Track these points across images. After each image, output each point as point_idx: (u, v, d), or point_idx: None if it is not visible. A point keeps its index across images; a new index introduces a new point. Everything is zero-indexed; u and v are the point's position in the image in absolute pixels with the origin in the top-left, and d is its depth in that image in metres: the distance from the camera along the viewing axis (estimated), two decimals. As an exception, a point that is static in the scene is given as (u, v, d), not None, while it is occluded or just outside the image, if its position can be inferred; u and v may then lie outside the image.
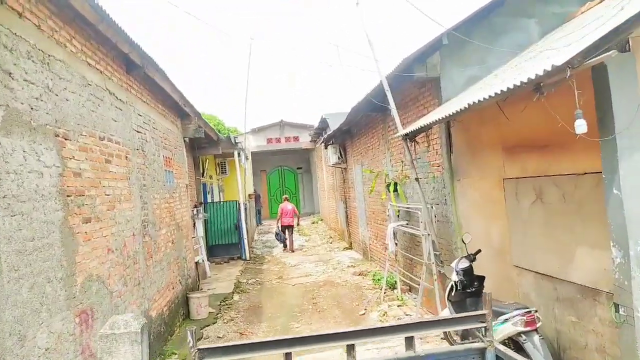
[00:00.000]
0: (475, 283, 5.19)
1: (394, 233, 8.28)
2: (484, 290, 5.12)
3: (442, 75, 6.53)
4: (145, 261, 6.16)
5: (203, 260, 12.06)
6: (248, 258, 14.70)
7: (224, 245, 14.86)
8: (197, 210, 12.51)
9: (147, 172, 6.66)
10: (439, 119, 4.93)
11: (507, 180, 4.96)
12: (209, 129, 11.58)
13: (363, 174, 12.25)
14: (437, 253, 6.59)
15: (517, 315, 4.07)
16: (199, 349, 2.48)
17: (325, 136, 15.81)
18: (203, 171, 14.83)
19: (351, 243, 15.33)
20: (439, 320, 3.36)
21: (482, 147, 5.53)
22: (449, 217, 6.67)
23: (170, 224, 7.92)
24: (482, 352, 2.88)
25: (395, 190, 8.80)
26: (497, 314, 4.33)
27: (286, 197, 17.78)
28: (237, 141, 14.95)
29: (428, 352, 2.97)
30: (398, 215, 8.72)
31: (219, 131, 15.85)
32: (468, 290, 5.16)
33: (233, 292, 10.20)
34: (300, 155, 27.59)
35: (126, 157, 5.73)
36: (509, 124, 4.86)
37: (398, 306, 7.88)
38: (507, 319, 4.14)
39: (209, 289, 10.42)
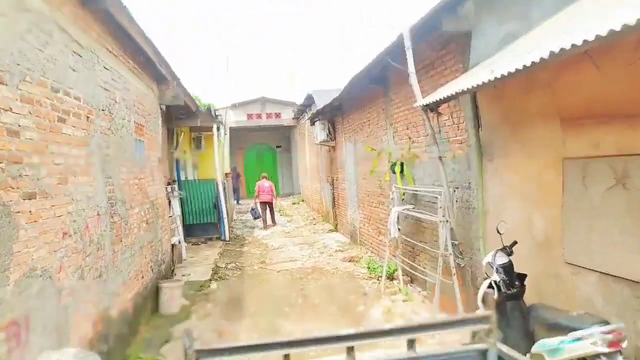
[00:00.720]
0: (516, 283, 4.30)
1: (397, 218, 7.34)
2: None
3: (475, 29, 5.47)
4: (112, 246, 5.05)
5: (179, 242, 10.92)
6: (227, 239, 13.63)
7: (201, 224, 13.74)
8: (172, 188, 11.33)
9: (113, 139, 5.49)
10: (481, 82, 3.91)
11: (569, 160, 4.02)
12: (189, 97, 10.34)
13: (356, 153, 11.25)
14: (456, 243, 5.67)
15: (597, 332, 3.16)
16: (195, 350, 2.39)
17: (312, 113, 14.70)
18: (177, 145, 13.56)
19: (337, 225, 14.40)
20: (440, 322, 3.15)
21: (528, 119, 4.57)
22: (471, 202, 5.74)
23: (144, 202, 6.77)
24: (484, 353, 2.83)
25: (402, 171, 7.84)
26: (564, 328, 3.42)
27: (264, 176, 17.26)
28: (217, 114, 13.70)
29: (429, 353, 2.93)
30: (403, 199, 7.77)
31: (197, 102, 14.58)
32: (508, 292, 4.26)
33: (210, 280, 9.14)
34: (280, 132, 26.37)
35: (87, 117, 4.55)
36: (574, 88, 3.90)
37: (403, 301, 6.98)
38: (581, 337, 3.22)
39: (183, 275, 9.34)
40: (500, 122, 5.11)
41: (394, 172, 8.01)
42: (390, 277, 8.09)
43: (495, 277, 4.19)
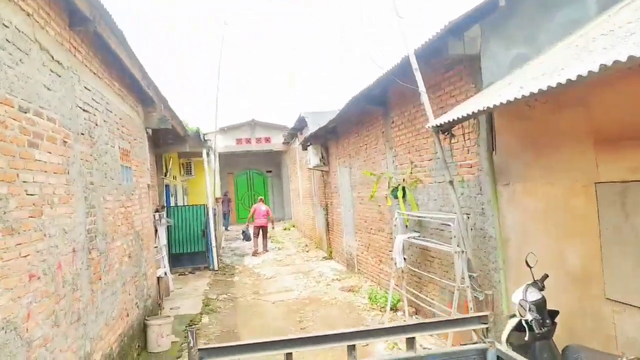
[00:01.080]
0: (547, 321, 3.84)
1: (403, 246, 6.88)
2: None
3: (483, 52, 5.20)
4: (90, 285, 4.50)
5: (166, 273, 10.31)
6: (216, 268, 13.03)
7: (189, 253, 13.13)
8: (159, 215, 10.78)
9: (97, 165, 5.00)
10: (512, 99, 3.51)
11: (603, 184, 3.62)
12: (176, 121, 9.90)
13: (352, 178, 10.83)
14: (475, 275, 5.21)
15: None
16: (199, 349, 2.46)
17: (306, 136, 14.33)
18: (166, 171, 13.06)
19: (331, 252, 13.87)
20: (439, 321, 3.21)
21: (554, 141, 4.19)
22: (486, 230, 5.31)
23: (128, 233, 6.24)
24: (483, 352, 2.87)
25: (404, 196, 7.41)
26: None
27: (261, 198, 17.11)
28: (206, 139, 13.26)
29: (429, 353, 2.92)
30: (407, 226, 7.33)
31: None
32: (538, 331, 3.79)
33: (201, 313, 8.54)
34: (271, 157, 25.95)
35: (64, 142, 4.07)
36: (612, 106, 3.53)
37: (411, 337, 6.44)
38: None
39: (171, 309, 8.73)
40: (520, 143, 4.73)
41: (395, 197, 7.58)
42: (394, 308, 7.59)
43: (528, 316, 3.73)
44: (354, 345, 2.75)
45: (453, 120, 4.70)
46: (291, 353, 2.67)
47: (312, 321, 7.85)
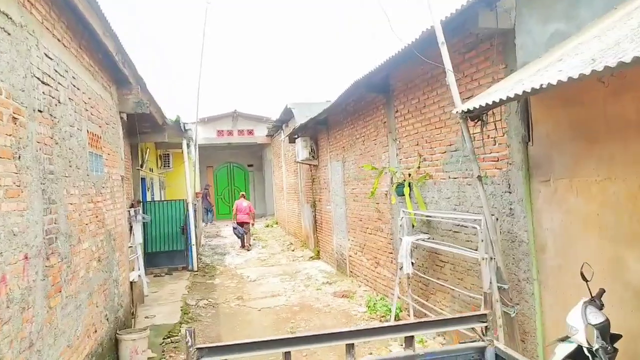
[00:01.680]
0: (609, 347, 3.16)
1: (411, 249, 6.15)
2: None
3: (519, 27, 4.50)
4: (47, 301, 3.63)
5: (140, 276, 9.39)
6: (196, 269, 12.13)
7: (165, 252, 12.20)
8: (135, 211, 9.84)
9: (59, 151, 4.12)
10: (580, 75, 2.79)
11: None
12: (155, 107, 8.96)
13: (345, 172, 10.08)
14: (505, 287, 4.51)
15: None
16: (197, 348, 2.43)
17: (294, 127, 13.51)
18: (142, 163, 12.08)
19: (319, 252, 13.11)
20: (438, 320, 3.17)
21: (617, 129, 3.49)
22: (516, 233, 4.62)
23: (98, 232, 5.34)
24: (482, 351, 2.89)
25: (410, 193, 6.69)
26: None
27: (243, 194, 16.75)
28: (187, 128, 12.31)
29: (428, 351, 2.95)
30: (413, 226, 6.61)
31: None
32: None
33: (180, 322, 7.68)
34: (252, 151, 25.01)
35: (14, 118, 3.19)
36: None
37: (421, 353, 5.73)
38: None
39: (147, 318, 7.85)
40: (567, 133, 4.03)
41: (400, 195, 6.85)
42: (398, 318, 6.87)
43: (596, 344, 3.03)
44: (353, 344, 2.75)
45: (486, 104, 3.96)
46: (290, 352, 2.66)
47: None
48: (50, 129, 3.93)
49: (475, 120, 4.40)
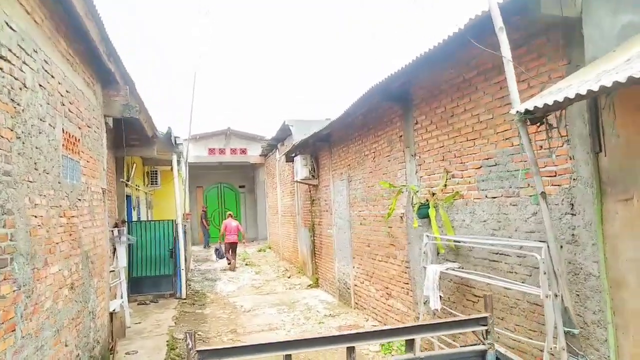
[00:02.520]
0: None
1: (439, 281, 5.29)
2: None
3: (586, 16, 3.78)
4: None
5: (122, 305, 8.37)
6: (184, 296, 11.09)
7: (151, 277, 11.17)
8: (119, 231, 8.89)
9: (20, 147, 3.24)
10: None
11: None
12: (145, 115, 8.12)
13: (350, 192, 9.25)
14: (575, 332, 3.65)
15: None
16: (198, 351, 2.42)
17: (293, 145, 12.72)
18: (128, 178, 11.16)
19: (317, 280, 12.16)
20: (439, 323, 3.16)
21: None
22: (581, 265, 3.79)
23: (72, 254, 4.42)
24: (482, 354, 2.87)
25: (428, 215, 5.87)
26: None
27: (230, 214, 16.41)
28: (177, 142, 11.45)
29: (428, 355, 3.00)
30: (440, 253, 5.77)
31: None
32: None
33: (166, 360, 6.68)
34: (244, 171, 24.13)
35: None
36: None
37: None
38: None
39: (127, 355, 6.82)
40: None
41: (422, 217, 6.03)
42: None
43: None
44: (353, 347, 2.73)
45: (555, 102, 3.19)
46: (290, 355, 2.65)
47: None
48: (10, 118, 3.06)
49: (538, 124, 3.62)
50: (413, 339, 2.85)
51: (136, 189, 12.87)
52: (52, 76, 3.94)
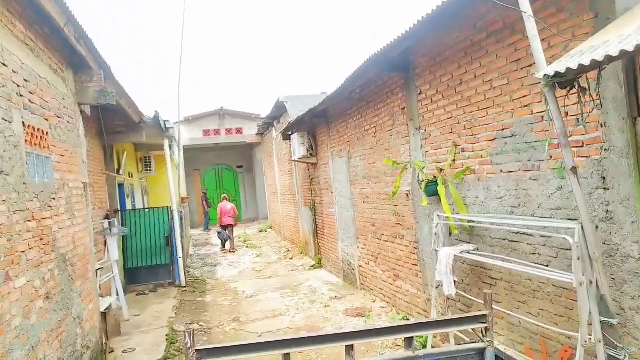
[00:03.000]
0: None
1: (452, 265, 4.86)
2: None
3: (616, -41, 3.23)
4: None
5: (118, 298, 8.01)
6: (184, 284, 10.75)
7: (149, 267, 10.80)
8: (110, 223, 8.47)
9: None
10: None
11: None
12: (127, 100, 7.59)
13: (351, 170, 8.78)
14: (613, 323, 3.22)
15: None
16: (197, 350, 2.42)
17: (289, 122, 12.19)
18: (119, 167, 10.67)
19: (320, 260, 11.80)
20: (438, 321, 3.16)
21: None
22: (618, 245, 3.35)
23: (44, 261, 3.98)
24: (481, 352, 2.88)
25: (437, 192, 5.42)
26: None
27: (225, 197, 16.77)
28: (167, 126, 10.91)
29: (427, 353, 2.94)
30: (453, 234, 5.33)
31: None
32: None
33: (166, 358, 6.32)
34: (241, 151, 23.60)
35: None
36: None
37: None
38: None
39: (125, 352, 6.48)
40: None
41: (430, 195, 5.58)
42: (433, 346, 5.59)
43: None
44: (352, 345, 2.73)
45: (592, 61, 2.68)
46: (289, 353, 2.64)
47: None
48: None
49: (568, 89, 3.11)
50: (412, 337, 2.87)
51: (129, 176, 12.40)
52: (5, 64, 3.43)
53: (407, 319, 6.70)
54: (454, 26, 4.95)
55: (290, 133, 12.27)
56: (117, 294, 8.06)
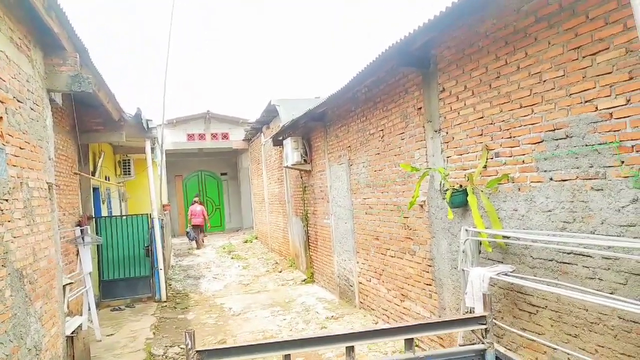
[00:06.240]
0: None
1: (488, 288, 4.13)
2: None
3: None
4: None
5: (90, 316, 7.08)
6: (164, 299, 9.84)
7: (126, 280, 9.86)
8: (82, 230, 7.57)
9: None
10: None
11: None
12: (106, 92, 6.74)
13: (351, 178, 8.04)
14: None
15: None
16: (197, 351, 2.40)
17: (283, 126, 11.43)
18: (94, 169, 9.75)
19: (312, 274, 10.99)
20: (438, 322, 3.08)
21: None
22: None
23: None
24: (482, 353, 2.85)
25: (463, 203, 4.72)
26: None
27: (196, 200, 17.95)
28: (150, 126, 10.03)
29: (427, 354, 2.90)
30: (484, 252, 4.61)
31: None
32: None
33: (142, 389, 5.45)
34: (226, 158, 22.70)
35: None
36: None
37: None
38: None
39: (94, 382, 5.57)
40: None
41: (456, 206, 4.87)
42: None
43: None
44: (353, 347, 2.72)
45: None
46: (289, 355, 2.65)
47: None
48: None
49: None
50: (412, 338, 2.88)
51: (105, 179, 11.45)
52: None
53: (418, 345, 5.94)
54: (491, 11, 4.28)
55: (282, 138, 11.51)
56: (90, 310, 7.14)
